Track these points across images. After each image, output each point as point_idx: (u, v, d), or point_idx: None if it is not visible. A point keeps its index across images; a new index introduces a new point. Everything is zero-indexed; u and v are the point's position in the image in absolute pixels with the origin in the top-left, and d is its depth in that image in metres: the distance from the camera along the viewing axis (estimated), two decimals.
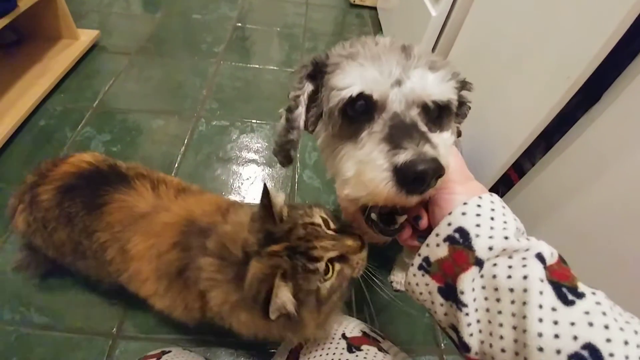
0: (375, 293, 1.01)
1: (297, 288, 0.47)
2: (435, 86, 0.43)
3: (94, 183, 0.69)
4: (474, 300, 0.33)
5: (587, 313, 0.28)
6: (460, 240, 0.34)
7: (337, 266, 0.49)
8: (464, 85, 0.50)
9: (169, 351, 0.61)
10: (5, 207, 0.77)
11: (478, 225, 0.34)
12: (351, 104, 0.43)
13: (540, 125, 0.70)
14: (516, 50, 0.80)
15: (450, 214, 0.35)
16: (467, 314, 0.33)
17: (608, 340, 0.27)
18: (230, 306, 0.55)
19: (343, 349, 0.54)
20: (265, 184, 0.53)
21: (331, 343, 0.56)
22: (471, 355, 0.34)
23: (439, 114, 0.45)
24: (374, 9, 2.22)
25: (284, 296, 0.46)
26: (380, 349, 0.54)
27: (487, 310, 0.32)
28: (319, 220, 0.52)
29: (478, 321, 0.33)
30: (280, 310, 0.46)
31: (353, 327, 0.59)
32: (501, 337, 0.31)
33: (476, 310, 0.33)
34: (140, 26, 1.84)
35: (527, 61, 0.75)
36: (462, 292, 0.33)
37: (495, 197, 0.37)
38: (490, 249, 0.33)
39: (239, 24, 1.97)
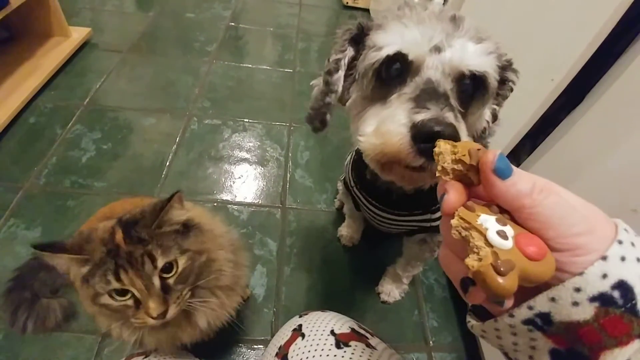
0: (363, 292, 1.03)
1: (91, 274, 0.50)
2: (475, 57, 0.42)
3: None
4: None
5: None
6: (620, 302, 0.23)
7: (130, 302, 0.51)
8: (508, 66, 0.49)
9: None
10: None
11: None
12: (386, 65, 0.43)
13: (524, 127, 0.72)
14: None
15: (604, 258, 0.23)
16: None
17: None
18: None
19: (331, 344, 0.55)
20: (179, 192, 0.54)
21: (320, 339, 0.57)
22: None
23: (472, 93, 0.45)
24: (367, 10, 2.23)
25: (64, 265, 0.51)
26: (368, 345, 0.55)
27: None
28: (159, 264, 0.52)
29: None
30: (56, 264, 0.50)
31: (342, 324, 0.60)
32: None
33: None
34: (132, 24, 1.84)
35: None
36: None
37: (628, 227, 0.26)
38: None
39: (232, 24, 1.97)
